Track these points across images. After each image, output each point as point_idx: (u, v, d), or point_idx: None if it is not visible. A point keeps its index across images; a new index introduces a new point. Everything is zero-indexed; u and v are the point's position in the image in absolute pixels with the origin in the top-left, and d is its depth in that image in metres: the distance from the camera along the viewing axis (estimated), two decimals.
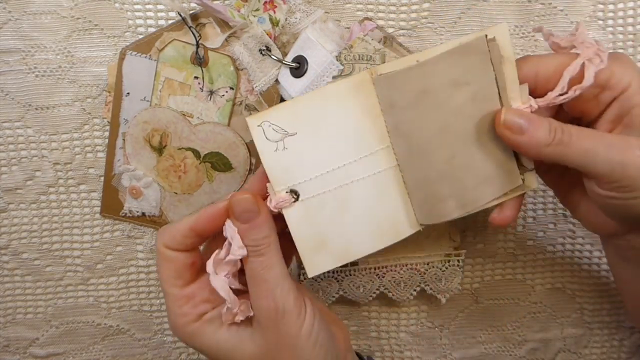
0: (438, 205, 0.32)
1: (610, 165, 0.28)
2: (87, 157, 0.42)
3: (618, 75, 0.29)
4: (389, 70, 0.31)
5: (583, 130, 0.29)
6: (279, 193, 0.31)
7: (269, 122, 0.30)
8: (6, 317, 0.44)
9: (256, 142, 0.30)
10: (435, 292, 0.43)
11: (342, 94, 0.31)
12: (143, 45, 0.39)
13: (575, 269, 0.45)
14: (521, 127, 0.29)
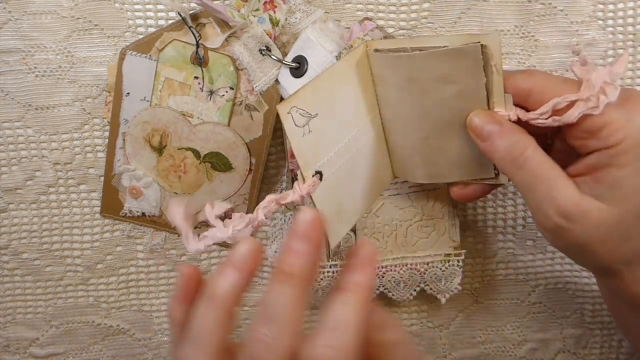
0: (410, 169, 0.36)
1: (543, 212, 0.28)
2: (87, 157, 0.42)
3: (613, 128, 0.27)
4: (383, 47, 0.32)
5: (542, 164, 0.28)
6: (308, 178, 0.31)
7: (297, 107, 0.30)
8: (6, 317, 0.44)
9: (287, 130, 0.30)
10: (435, 292, 0.43)
11: (346, 69, 0.32)
12: (143, 45, 0.39)
13: (575, 269, 0.45)
14: (483, 133, 0.30)
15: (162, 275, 0.44)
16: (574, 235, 0.28)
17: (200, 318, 0.24)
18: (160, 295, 0.44)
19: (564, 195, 0.28)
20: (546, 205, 0.28)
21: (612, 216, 0.28)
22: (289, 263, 0.24)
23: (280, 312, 0.23)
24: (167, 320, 0.45)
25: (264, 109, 0.39)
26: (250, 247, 0.25)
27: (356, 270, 0.25)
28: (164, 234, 0.43)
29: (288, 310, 0.23)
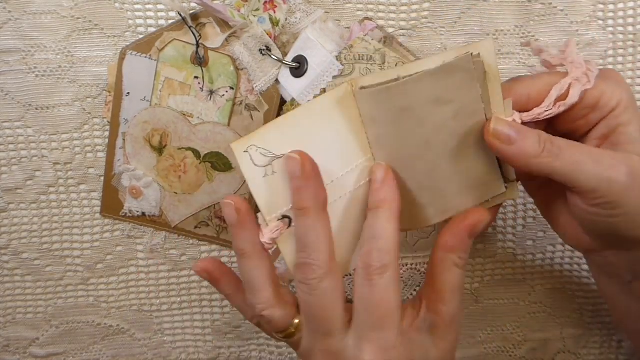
0: (418, 213, 0.32)
1: (597, 180, 0.28)
2: (87, 157, 0.42)
3: (607, 96, 0.30)
4: (370, 83, 0.29)
5: (572, 144, 0.29)
6: (271, 222, 0.29)
7: (256, 146, 0.28)
8: (6, 317, 0.44)
9: (243, 170, 0.28)
10: None
11: (326, 108, 0.30)
12: (143, 45, 0.39)
13: (575, 269, 0.45)
14: (510, 137, 0.29)
15: (162, 275, 0.44)
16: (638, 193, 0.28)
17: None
18: (161, 295, 0.44)
19: (612, 157, 0.29)
20: (604, 173, 0.28)
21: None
22: (299, 199, 0.29)
23: (308, 238, 0.29)
24: (167, 320, 0.45)
25: (264, 109, 0.39)
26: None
27: (377, 190, 0.30)
28: (163, 234, 0.43)
29: (312, 235, 0.29)
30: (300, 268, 0.29)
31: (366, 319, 0.29)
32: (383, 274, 0.29)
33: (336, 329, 0.30)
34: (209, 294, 0.45)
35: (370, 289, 0.29)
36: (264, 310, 0.31)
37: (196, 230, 0.42)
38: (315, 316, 0.30)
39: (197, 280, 0.44)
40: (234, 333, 0.45)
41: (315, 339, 0.30)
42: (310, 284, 0.29)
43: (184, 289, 0.44)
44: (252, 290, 0.31)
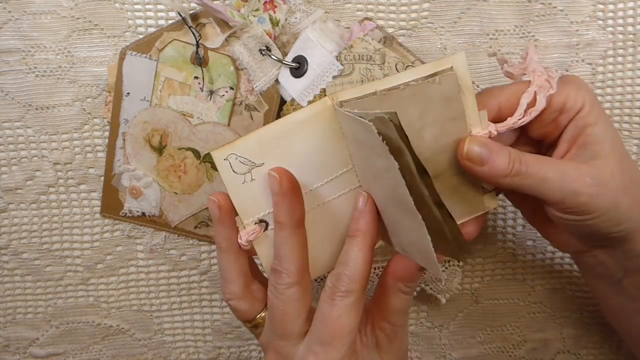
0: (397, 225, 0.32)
1: (562, 193, 0.30)
2: (87, 157, 0.42)
3: (572, 98, 0.31)
4: (349, 97, 0.30)
5: (539, 160, 0.30)
6: (248, 226, 0.31)
7: (236, 154, 0.30)
8: (6, 317, 0.44)
9: (223, 176, 0.30)
10: (435, 292, 0.43)
11: (307, 120, 0.30)
12: (143, 45, 0.39)
13: (575, 269, 0.45)
14: (482, 158, 0.30)
15: (162, 275, 0.44)
16: (606, 197, 0.30)
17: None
18: (160, 295, 0.44)
19: (576, 169, 0.30)
20: (569, 187, 0.30)
21: (614, 166, 0.31)
22: (276, 213, 0.31)
23: (282, 249, 0.31)
24: (166, 320, 0.45)
25: (264, 109, 0.39)
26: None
27: (356, 219, 0.31)
28: (163, 234, 0.43)
29: (285, 246, 0.31)
30: (272, 272, 0.32)
31: (319, 333, 0.31)
32: (345, 297, 0.30)
33: (291, 334, 0.32)
34: (209, 294, 0.45)
35: (330, 307, 0.31)
36: (230, 301, 0.33)
37: (196, 230, 0.42)
38: (276, 318, 0.32)
39: (197, 281, 0.44)
40: (234, 333, 0.45)
41: (272, 337, 0.32)
42: (277, 288, 0.31)
43: (184, 289, 0.44)
44: (223, 281, 0.33)
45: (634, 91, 0.41)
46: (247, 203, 0.31)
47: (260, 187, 0.31)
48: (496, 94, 0.32)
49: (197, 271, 0.44)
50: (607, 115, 0.32)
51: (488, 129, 0.31)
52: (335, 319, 0.30)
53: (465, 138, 0.30)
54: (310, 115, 0.30)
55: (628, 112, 0.42)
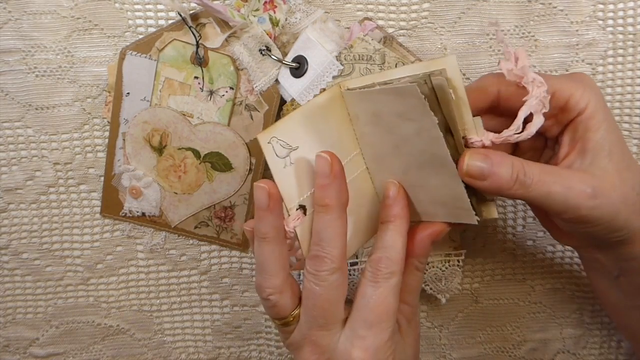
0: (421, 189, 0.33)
1: (565, 206, 0.30)
2: (87, 157, 0.42)
3: (576, 98, 0.31)
4: (355, 85, 0.31)
5: (544, 171, 0.30)
6: (292, 211, 0.31)
7: (277, 137, 0.30)
8: (6, 317, 0.44)
9: (268, 160, 0.30)
10: (435, 292, 0.43)
11: (325, 105, 0.31)
12: (143, 45, 0.39)
13: (575, 269, 0.45)
14: (483, 172, 0.30)
15: (162, 275, 0.44)
16: (606, 209, 0.30)
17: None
18: (160, 295, 0.44)
19: (579, 181, 0.30)
20: (572, 199, 0.30)
21: (614, 175, 0.30)
22: (321, 196, 0.30)
23: (325, 233, 0.30)
24: (167, 320, 0.45)
25: (264, 109, 0.39)
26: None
27: (390, 206, 0.32)
28: (163, 234, 0.43)
29: (330, 230, 0.30)
30: (313, 259, 0.31)
31: (365, 316, 0.31)
32: (389, 279, 0.31)
33: (333, 323, 0.31)
34: (209, 294, 0.45)
35: (374, 290, 0.31)
36: (272, 295, 0.32)
37: (196, 230, 0.42)
38: (317, 307, 0.31)
39: (197, 281, 0.44)
40: (234, 333, 0.45)
41: (310, 330, 0.32)
42: (320, 275, 0.31)
43: (184, 289, 0.44)
44: (264, 274, 0.32)
45: (634, 91, 0.41)
46: (291, 188, 0.31)
47: (298, 172, 0.31)
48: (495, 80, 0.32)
49: (197, 271, 0.44)
50: (612, 119, 0.32)
51: (485, 136, 0.30)
52: (381, 301, 0.31)
53: (465, 153, 0.30)
54: (328, 100, 0.31)
55: (628, 112, 0.42)
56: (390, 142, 0.31)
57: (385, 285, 0.31)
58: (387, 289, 0.31)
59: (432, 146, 0.29)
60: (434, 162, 0.30)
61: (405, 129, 0.30)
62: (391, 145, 0.31)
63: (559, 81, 0.31)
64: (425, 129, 0.29)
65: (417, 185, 0.32)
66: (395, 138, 0.31)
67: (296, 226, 0.31)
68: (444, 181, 0.31)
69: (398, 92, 0.28)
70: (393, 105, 0.29)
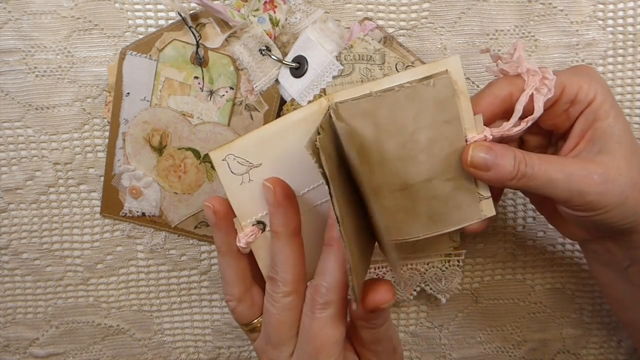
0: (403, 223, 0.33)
1: (569, 193, 0.30)
2: (87, 157, 0.42)
3: (584, 90, 0.31)
4: (345, 98, 0.30)
5: (545, 161, 0.30)
6: (246, 227, 0.31)
7: (233, 155, 0.30)
8: (6, 317, 0.44)
9: (220, 177, 0.30)
10: (435, 292, 0.43)
11: (303, 121, 0.30)
12: (143, 45, 0.39)
13: (575, 269, 0.45)
14: (487, 163, 0.30)
15: (162, 275, 0.44)
16: (614, 194, 0.30)
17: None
18: (160, 295, 0.44)
19: (582, 168, 0.30)
20: (576, 187, 0.30)
21: (621, 161, 0.30)
22: (271, 223, 0.31)
23: (278, 258, 0.31)
24: (167, 320, 0.45)
25: (264, 109, 0.39)
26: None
27: (331, 227, 0.30)
28: (163, 234, 0.43)
29: (281, 256, 0.31)
30: (269, 280, 0.31)
31: (304, 347, 0.31)
32: (325, 309, 0.30)
33: (285, 344, 0.31)
34: (209, 294, 0.45)
35: (311, 321, 0.30)
36: (230, 302, 0.33)
37: (196, 230, 0.42)
38: (271, 325, 0.31)
39: (197, 281, 0.44)
40: (234, 333, 0.45)
41: (266, 345, 0.32)
42: (273, 296, 0.31)
43: (184, 289, 0.44)
44: (224, 283, 0.33)
45: (634, 91, 0.41)
46: (246, 204, 0.31)
47: (259, 188, 0.30)
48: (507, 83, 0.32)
49: (197, 271, 0.44)
50: (618, 108, 0.32)
51: (483, 133, 0.30)
52: (317, 333, 0.30)
53: (469, 145, 0.30)
54: (306, 115, 0.30)
55: (628, 112, 0.42)
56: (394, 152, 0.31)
57: (321, 317, 0.30)
58: (323, 321, 0.30)
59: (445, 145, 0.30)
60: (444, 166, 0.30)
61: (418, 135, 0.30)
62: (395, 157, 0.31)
63: (567, 75, 0.31)
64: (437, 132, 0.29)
65: (419, 199, 0.31)
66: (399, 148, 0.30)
67: (249, 242, 0.31)
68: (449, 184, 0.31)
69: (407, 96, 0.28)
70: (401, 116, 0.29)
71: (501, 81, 0.32)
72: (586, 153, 0.31)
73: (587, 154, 0.31)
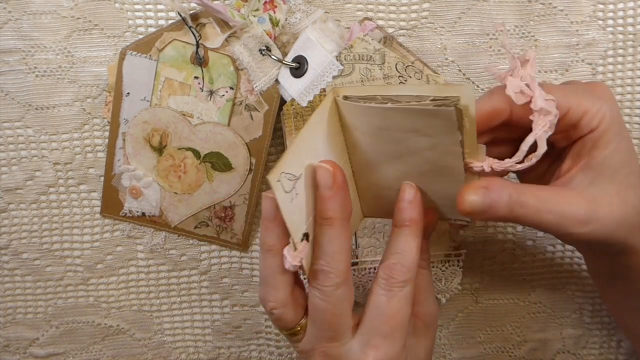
0: (384, 205, 0.34)
1: (558, 232, 0.30)
2: (87, 157, 0.42)
3: (590, 115, 0.30)
4: (353, 94, 0.30)
5: (537, 200, 0.29)
6: (299, 245, 0.30)
7: (285, 172, 0.29)
8: (6, 317, 0.44)
9: (278, 199, 0.28)
10: (435, 292, 0.43)
11: (320, 120, 0.31)
12: (143, 45, 0.39)
13: (575, 269, 0.45)
14: (482, 210, 0.29)
15: (162, 275, 0.44)
16: (599, 230, 0.30)
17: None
18: (160, 295, 0.44)
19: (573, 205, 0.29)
20: (563, 226, 0.29)
21: (613, 197, 0.30)
22: (324, 209, 0.29)
23: (330, 247, 0.29)
24: (167, 320, 0.45)
25: (264, 109, 0.39)
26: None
27: (405, 209, 0.31)
28: (163, 234, 0.43)
29: (334, 244, 0.29)
30: (317, 274, 0.30)
31: (378, 326, 0.30)
32: (403, 287, 0.30)
33: (342, 333, 0.31)
34: (209, 294, 0.45)
35: (388, 299, 0.30)
36: (275, 309, 0.31)
37: (196, 230, 0.42)
38: (324, 321, 0.30)
39: (197, 281, 0.44)
40: (234, 333, 0.45)
41: (319, 342, 0.31)
42: (325, 290, 0.30)
43: (184, 289, 0.44)
44: (267, 287, 0.31)
45: (634, 91, 0.41)
46: (296, 220, 0.30)
47: (301, 201, 0.30)
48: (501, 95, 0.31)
49: (197, 271, 0.44)
50: (624, 135, 0.31)
51: (486, 162, 0.30)
52: (395, 311, 0.30)
53: (465, 190, 0.29)
54: (323, 113, 0.31)
55: (628, 112, 0.42)
56: (392, 152, 0.31)
57: (399, 295, 0.30)
58: (402, 299, 0.30)
59: (446, 159, 0.30)
60: (441, 171, 0.30)
61: (416, 143, 0.30)
62: (392, 155, 0.31)
63: (576, 97, 0.30)
64: (442, 145, 0.29)
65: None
66: (400, 148, 0.31)
67: (302, 258, 0.30)
68: (446, 185, 0.31)
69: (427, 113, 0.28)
70: (408, 122, 0.29)
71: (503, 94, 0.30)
72: (578, 182, 0.30)
73: (579, 182, 0.30)
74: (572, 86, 0.32)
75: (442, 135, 0.29)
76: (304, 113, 0.38)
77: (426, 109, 0.28)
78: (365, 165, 0.33)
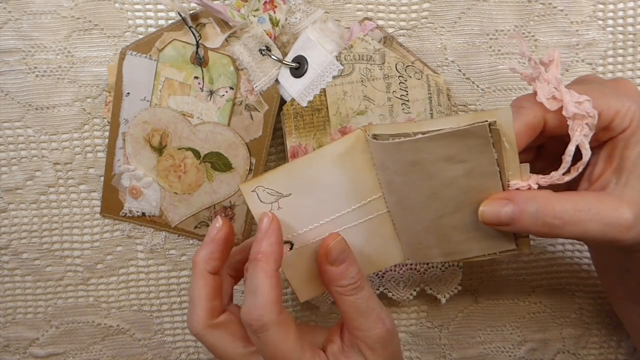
0: (423, 250, 0.34)
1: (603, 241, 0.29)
2: (87, 157, 0.42)
3: (621, 116, 0.29)
4: (382, 132, 0.30)
5: (577, 211, 0.28)
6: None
7: (263, 187, 0.31)
8: (6, 317, 0.44)
9: (250, 206, 0.31)
10: (435, 292, 0.43)
11: (338, 152, 0.31)
12: (143, 45, 0.39)
13: (575, 269, 0.45)
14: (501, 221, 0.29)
15: (162, 275, 0.44)
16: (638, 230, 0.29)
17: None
18: (160, 295, 0.44)
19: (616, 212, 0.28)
20: (610, 234, 0.28)
21: None
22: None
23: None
24: (167, 320, 0.45)
25: (264, 109, 0.39)
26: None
27: (259, 241, 0.30)
28: (164, 234, 0.43)
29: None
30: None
31: None
32: (264, 332, 0.29)
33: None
34: None
35: (260, 345, 0.30)
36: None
37: (196, 230, 0.42)
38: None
39: None
40: None
41: None
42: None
43: (184, 289, 0.44)
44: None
45: None
46: None
47: (287, 215, 0.32)
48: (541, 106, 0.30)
49: None
50: None
51: (530, 180, 0.29)
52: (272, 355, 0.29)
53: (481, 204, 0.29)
54: (343, 147, 0.31)
55: None
56: (426, 189, 0.31)
57: (266, 340, 0.29)
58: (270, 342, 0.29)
59: (483, 183, 0.29)
60: (479, 198, 0.30)
61: (450, 172, 0.30)
62: (427, 194, 0.31)
63: (605, 99, 0.29)
64: (478, 167, 0.29)
65: (450, 228, 0.32)
66: (434, 184, 0.30)
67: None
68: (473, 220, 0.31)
69: (460, 134, 0.28)
70: (442, 150, 0.29)
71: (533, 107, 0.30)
72: (614, 185, 0.30)
73: (615, 186, 0.29)
74: (598, 86, 0.31)
75: (478, 156, 0.29)
76: (304, 113, 0.38)
77: (459, 129, 0.28)
78: (402, 207, 0.33)
